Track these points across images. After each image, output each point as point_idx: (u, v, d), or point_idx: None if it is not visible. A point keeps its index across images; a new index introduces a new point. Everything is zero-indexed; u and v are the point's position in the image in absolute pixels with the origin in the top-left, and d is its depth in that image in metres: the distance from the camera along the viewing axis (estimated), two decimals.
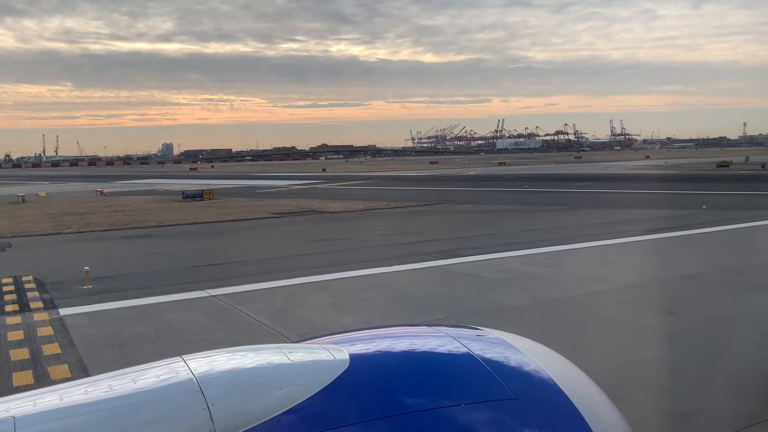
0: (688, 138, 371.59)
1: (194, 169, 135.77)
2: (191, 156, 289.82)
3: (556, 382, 2.14)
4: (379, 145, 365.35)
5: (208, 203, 36.71)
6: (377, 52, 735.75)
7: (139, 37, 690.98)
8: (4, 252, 19.24)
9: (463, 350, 2.29)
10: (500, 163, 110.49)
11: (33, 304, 11.88)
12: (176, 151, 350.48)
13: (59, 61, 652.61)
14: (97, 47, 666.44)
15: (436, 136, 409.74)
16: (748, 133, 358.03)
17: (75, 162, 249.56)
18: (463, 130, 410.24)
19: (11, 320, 10.75)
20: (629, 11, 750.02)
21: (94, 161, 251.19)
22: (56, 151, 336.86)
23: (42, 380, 7.75)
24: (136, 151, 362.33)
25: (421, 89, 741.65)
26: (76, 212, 32.16)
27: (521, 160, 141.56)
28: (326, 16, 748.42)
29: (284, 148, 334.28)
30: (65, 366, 8.26)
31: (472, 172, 77.11)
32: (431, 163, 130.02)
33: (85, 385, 2.06)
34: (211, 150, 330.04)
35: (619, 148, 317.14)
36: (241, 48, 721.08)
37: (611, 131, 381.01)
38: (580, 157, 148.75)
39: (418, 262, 15.24)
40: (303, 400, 1.90)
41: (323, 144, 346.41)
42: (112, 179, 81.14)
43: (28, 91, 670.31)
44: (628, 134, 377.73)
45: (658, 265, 14.49)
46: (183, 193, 40.47)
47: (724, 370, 7.49)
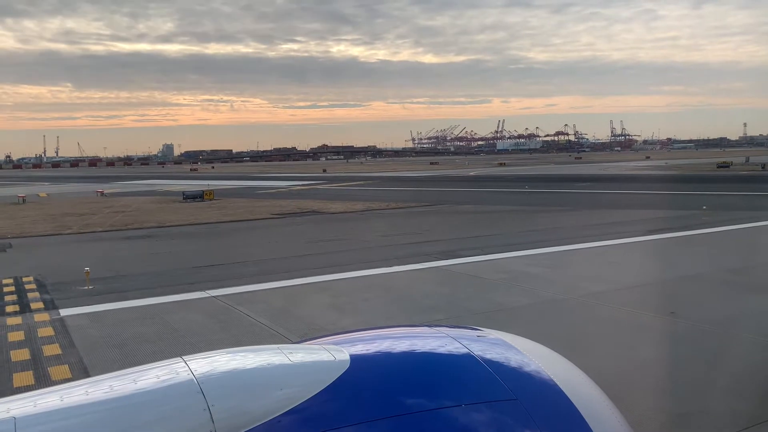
0: (688, 138, 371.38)
1: (194, 169, 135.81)
2: (191, 157, 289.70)
3: (557, 383, 2.14)
4: (380, 145, 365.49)
5: (208, 204, 36.72)
6: (377, 53, 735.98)
7: (140, 37, 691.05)
8: (5, 253, 19.26)
9: (464, 351, 2.29)
10: (500, 164, 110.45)
11: (33, 305, 11.89)
12: (177, 152, 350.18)
13: (60, 61, 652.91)
14: (98, 48, 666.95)
15: (437, 137, 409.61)
16: (749, 134, 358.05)
17: (75, 163, 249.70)
18: (464, 131, 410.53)
19: (12, 321, 10.76)
20: (630, 12, 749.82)
21: (94, 162, 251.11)
22: (57, 152, 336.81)
23: (42, 381, 7.75)
24: (136, 152, 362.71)
25: (422, 90, 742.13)
26: (77, 213, 32.17)
27: (521, 160, 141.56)
28: (326, 17, 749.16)
29: (284, 149, 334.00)
30: (66, 367, 8.26)
31: (472, 173, 77.10)
32: (431, 163, 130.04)
33: (86, 385, 2.06)
34: (212, 151, 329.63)
35: (619, 148, 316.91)
36: (242, 49, 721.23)
37: (611, 132, 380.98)
38: (581, 158, 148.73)
39: (419, 263, 15.25)
40: (304, 401, 1.90)
41: (323, 145, 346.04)
42: (112, 180, 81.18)
43: (28, 91, 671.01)
44: (629, 135, 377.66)
45: (659, 266, 14.48)
46: (183, 194, 40.46)
47: (725, 370, 7.49)
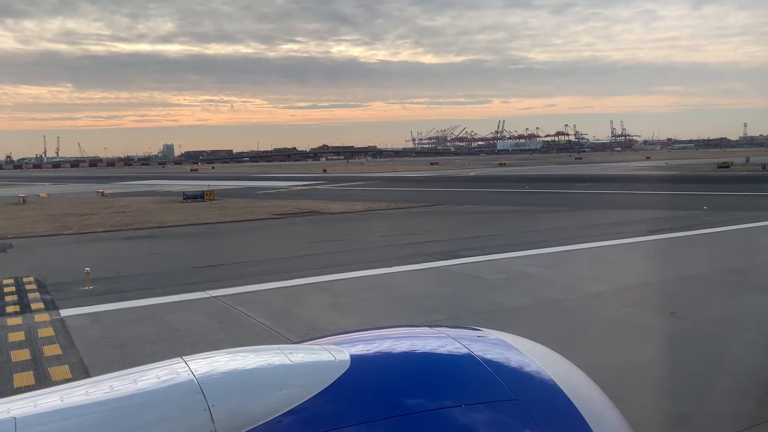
0: (688, 139, 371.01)
1: (195, 170, 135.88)
2: (192, 157, 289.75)
3: (557, 383, 2.14)
4: (380, 146, 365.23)
5: (208, 204, 36.73)
6: (377, 53, 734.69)
7: (140, 38, 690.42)
8: (5, 253, 19.26)
9: (464, 351, 2.29)
10: (501, 164, 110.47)
11: (34, 305, 11.89)
12: (177, 152, 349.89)
13: (60, 62, 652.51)
14: (98, 48, 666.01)
15: (437, 137, 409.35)
16: (749, 134, 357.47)
17: (76, 163, 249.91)
18: (464, 131, 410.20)
19: (12, 321, 10.76)
20: (630, 12, 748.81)
21: (95, 162, 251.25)
22: (57, 152, 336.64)
23: (43, 381, 7.76)
24: (136, 152, 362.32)
25: (422, 90, 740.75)
26: (77, 213, 32.18)
27: (522, 161, 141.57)
28: (326, 17, 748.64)
29: (285, 149, 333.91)
30: (66, 367, 8.27)
31: (472, 173, 77.10)
32: (432, 164, 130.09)
33: (86, 386, 2.06)
34: (212, 151, 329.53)
35: (619, 149, 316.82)
36: (242, 49, 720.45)
37: (612, 132, 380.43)
38: (581, 158, 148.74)
39: (419, 263, 15.25)
40: (304, 401, 1.90)
41: (324, 145, 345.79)
42: (112, 180, 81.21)
43: (28, 92, 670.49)
44: (629, 135, 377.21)
45: (659, 266, 14.49)
46: (184, 194, 40.48)
47: (725, 371, 7.49)
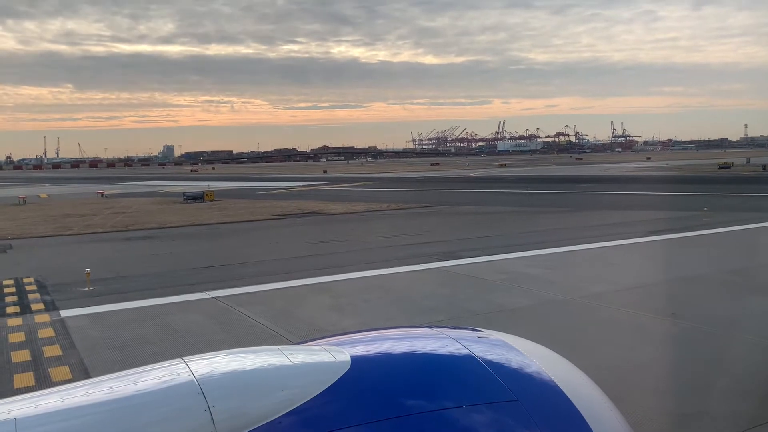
0: (689, 139, 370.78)
1: (195, 170, 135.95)
2: (192, 158, 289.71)
3: (558, 384, 2.13)
4: (380, 146, 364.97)
5: (209, 205, 36.74)
6: (378, 54, 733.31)
7: (141, 39, 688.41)
8: (6, 254, 19.27)
9: (465, 352, 2.29)
10: (501, 165, 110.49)
11: (34, 306, 11.89)
12: (177, 153, 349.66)
13: (60, 62, 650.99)
14: (99, 49, 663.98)
15: (437, 138, 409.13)
16: (750, 135, 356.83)
17: (76, 164, 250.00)
18: (464, 132, 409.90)
19: (12, 322, 10.76)
20: (630, 13, 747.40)
21: (95, 163, 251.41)
22: (57, 153, 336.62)
23: (43, 382, 7.75)
24: (137, 153, 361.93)
25: (422, 91, 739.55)
26: (78, 214, 32.19)
27: (522, 161, 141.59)
28: (327, 18, 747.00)
29: (285, 150, 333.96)
30: (66, 368, 8.27)
31: (473, 174, 77.10)
32: (432, 164, 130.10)
33: (86, 386, 2.06)
34: (212, 152, 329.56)
35: (620, 149, 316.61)
36: (243, 50, 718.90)
37: (612, 133, 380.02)
38: (581, 159, 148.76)
39: (419, 264, 15.25)
40: (304, 402, 1.90)
41: (324, 145, 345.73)
42: (113, 181, 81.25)
43: (29, 92, 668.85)
44: (629, 136, 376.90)
45: (660, 267, 14.48)
46: (184, 195, 40.48)
47: (726, 372, 7.48)
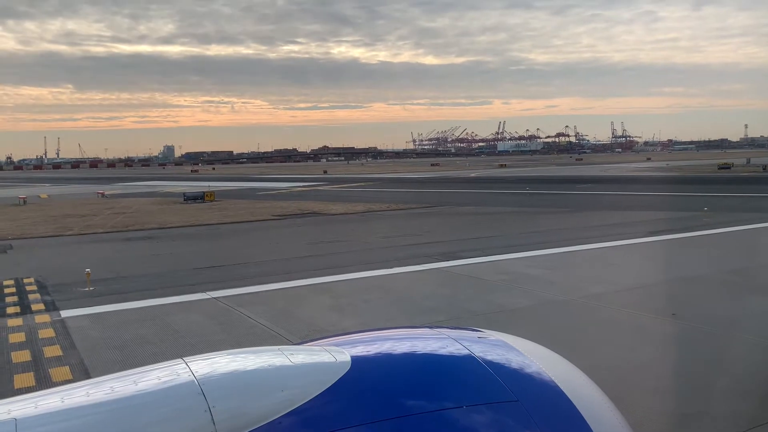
0: (689, 140, 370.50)
1: (195, 171, 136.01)
2: (192, 158, 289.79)
3: (558, 384, 2.13)
4: (381, 147, 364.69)
5: (209, 205, 36.74)
6: (378, 54, 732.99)
7: (141, 39, 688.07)
8: (6, 254, 19.27)
9: (465, 352, 2.29)
10: (501, 165, 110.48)
11: (34, 306, 11.89)
12: (177, 153, 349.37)
13: (60, 63, 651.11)
14: (99, 49, 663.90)
15: (437, 138, 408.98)
16: (750, 135, 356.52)
17: (76, 164, 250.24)
18: (464, 132, 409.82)
19: (13, 322, 10.76)
20: (630, 13, 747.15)
21: (95, 163, 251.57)
22: (58, 153, 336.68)
23: (43, 382, 7.75)
24: (137, 153, 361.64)
25: (422, 91, 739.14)
26: (78, 214, 32.20)
27: (522, 162, 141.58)
28: (327, 19, 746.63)
29: (285, 150, 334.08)
30: (66, 368, 8.27)
31: (473, 174, 77.10)
32: (432, 164, 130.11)
33: (87, 387, 2.06)
34: (212, 152, 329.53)
35: (620, 150, 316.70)
36: (243, 50, 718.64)
37: (612, 133, 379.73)
38: (581, 159, 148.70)
39: (419, 264, 15.25)
40: (305, 402, 1.89)
41: (324, 146, 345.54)
42: (113, 181, 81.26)
43: (29, 93, 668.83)
44: (630, 136, 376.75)
45: (660, 268, 14.48)
46: (184, 195, 40.48)
47: (726, 372, 7.48)
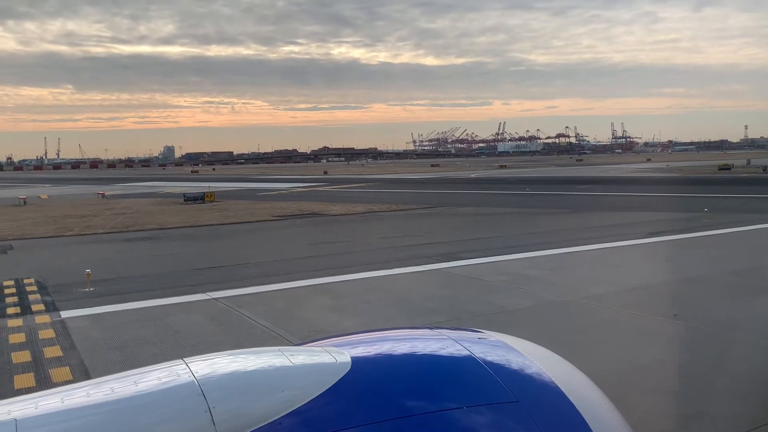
0: (689, 141, 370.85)
1: (195, 171, 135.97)
2: (192, 159, 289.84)
3: (558, 385, 2.13)
4: (381, 147, 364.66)
5: (209, 206, 36.73)
6: (378, 55, 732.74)
7: (141, 40, 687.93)
8: (6, 254, 19.26)
9: (465, 353, 2.29)
10: (501, 166, 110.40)
11: (34, 307, 11.89)
12: (177, 154, 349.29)
13: (61, 63, 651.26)
14: (99, 50, 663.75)
15: (438, 139, 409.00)
16: (750, 136, 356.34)
17: (77, 164, 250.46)
18: (465, 133, 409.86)
19: (13, 323, 10.76)
20: (630, 14, 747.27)
21: (95, 164, 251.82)
22: (58, 154, 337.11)
23: (43, 383, 7.75)
24: (137, 154, 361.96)
25: (423, 92, 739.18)
26: (78, 215, 32.19)
27: (522, 162, 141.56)
28: (327, 19, 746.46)
29: (285, 151, 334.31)
30: (66, 368, 8.26)
31: (473, 175, 77.09)
32: (432, 165, 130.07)
33: (87, 387, 2.05)
34: (213, 153, 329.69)
35: (620, 150, 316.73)
36: (243, 51, 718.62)
37: (612, 134, 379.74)
38: (582, 160, 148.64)
39: (419, 265, 15.25)
40: (305, 403, 1.89)
41: (324, 147, 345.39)
42: (113, 182, 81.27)
43: (29, 93, 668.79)
44: (630, 137, 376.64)
45: (661, 268, 14.48)
46: (184, 196, 40.44)
47: (727, 373, 7.48)
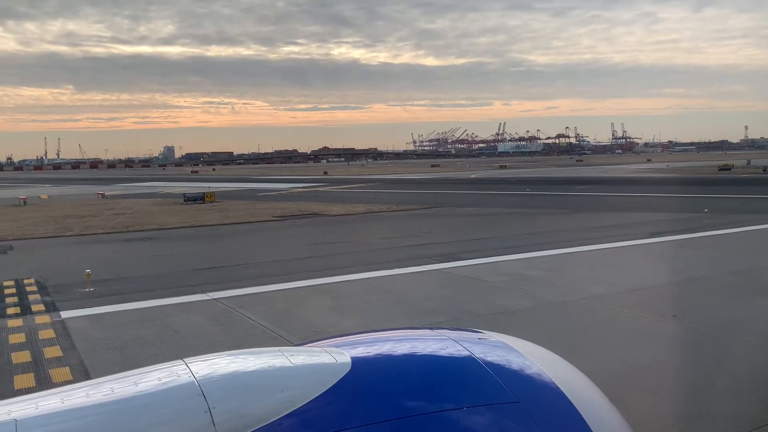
0: (689, 141, 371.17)
1: (195, 172, 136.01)
2: (192, 159, 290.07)
3: (558, 386, 2.13)
4: (381, 148, 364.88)
5: (209, 206, 36.72)
6: (378, 56, 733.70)
7: (141, 40, 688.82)
8: (6, 255, 19.26)
9: (465, 353, 2.29)
10: (501, 167, 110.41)
11: (34, 307, 11.89)
12: (177, 154, 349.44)
13: (61, 64, 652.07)
14: (99, 50, 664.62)
15: (438, 139, 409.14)
16: (750, 137, 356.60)
17: (77, 165, 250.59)
18: (465, 134, 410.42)
19: (13, 323, 10.76)
20: (630, 14, 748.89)
21: (95, 164, 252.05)
22: (58, 154, 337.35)
23: (43, 383, 7.75)
24: (137, 154, 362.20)
25: (423, 92, 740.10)
26: (78, 215, 32.19)
27: (522, 163, 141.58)
28: (327, 20, 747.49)
29: (286, 151, 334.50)
30: (66, 369, 8.26)
31: (473, 176, 77.09)
32: (433, 166, 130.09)
33: (87, 387, 2.05)
34: (213, 153, 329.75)
35: (620, 151, 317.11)
36: (243, 51, 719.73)
37: (612, 134, 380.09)
38: (581, 161, 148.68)
39: (419, 265, 15.25)
40: (305, 403, 1.89)
41: (324, 147, 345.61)
42: (113, 182, 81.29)
43: (29, 93, 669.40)
44: (630, 137, 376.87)
45: (661, 269, 14.48)
46: (184, 196, 40.45)
47: (727, 373, 7.48)
